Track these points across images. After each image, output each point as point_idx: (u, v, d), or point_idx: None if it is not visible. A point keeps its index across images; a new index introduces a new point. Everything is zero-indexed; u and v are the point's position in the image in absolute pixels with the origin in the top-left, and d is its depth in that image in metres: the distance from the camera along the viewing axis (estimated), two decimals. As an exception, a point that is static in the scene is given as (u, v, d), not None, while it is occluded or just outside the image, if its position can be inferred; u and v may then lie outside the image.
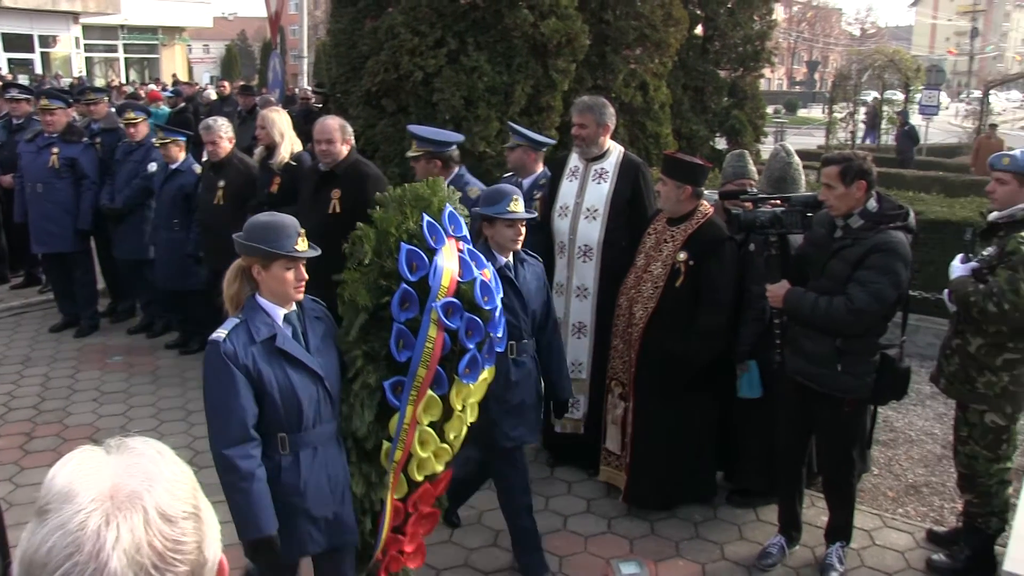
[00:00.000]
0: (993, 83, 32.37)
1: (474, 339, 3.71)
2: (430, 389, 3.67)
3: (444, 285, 3.64)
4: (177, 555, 1.19)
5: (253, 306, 3.44)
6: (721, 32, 16.24)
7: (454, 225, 3.87)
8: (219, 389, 3.32)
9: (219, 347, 3.30)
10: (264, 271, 3.39)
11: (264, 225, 3.42)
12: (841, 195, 4.41)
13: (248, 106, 12.81)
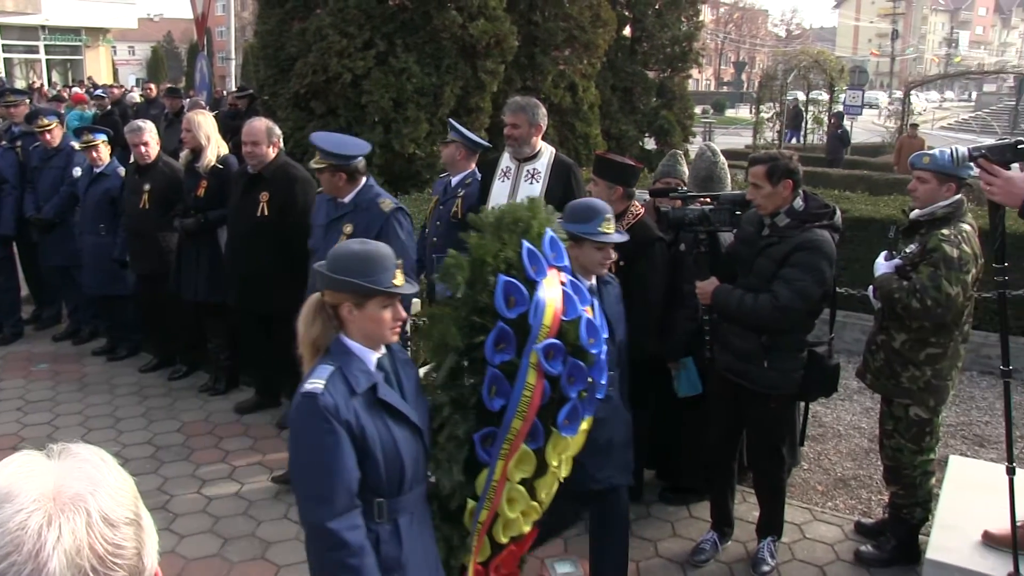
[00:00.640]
0: (914, 84, 33.05)
1: (576, 387, 3.25)
2: (524, 443, 3.21)
3: (546, 324, 3.17)
4: (117, 559, 1.17)
5: (344, 350, 2.94)
6: (649, 33, 16.39)
7: (555, 252, 3.40)
8: (320, 450, 2.77)
9: (317, 401, 2.77)
10: (357, 310, 2.91)
11: (357, 256, 2.93)
12: (768, 194, 4.47)
13: (175, 109, 12.62)
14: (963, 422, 7.12)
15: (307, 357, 3.00)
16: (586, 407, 3.34)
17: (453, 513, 3.27)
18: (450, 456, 3.19)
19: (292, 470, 2.91)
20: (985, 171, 3.75)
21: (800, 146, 24.99)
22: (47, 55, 38.12)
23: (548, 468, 3.30)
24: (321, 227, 5.40)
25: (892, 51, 78.87)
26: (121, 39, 56.54)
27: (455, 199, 6.36)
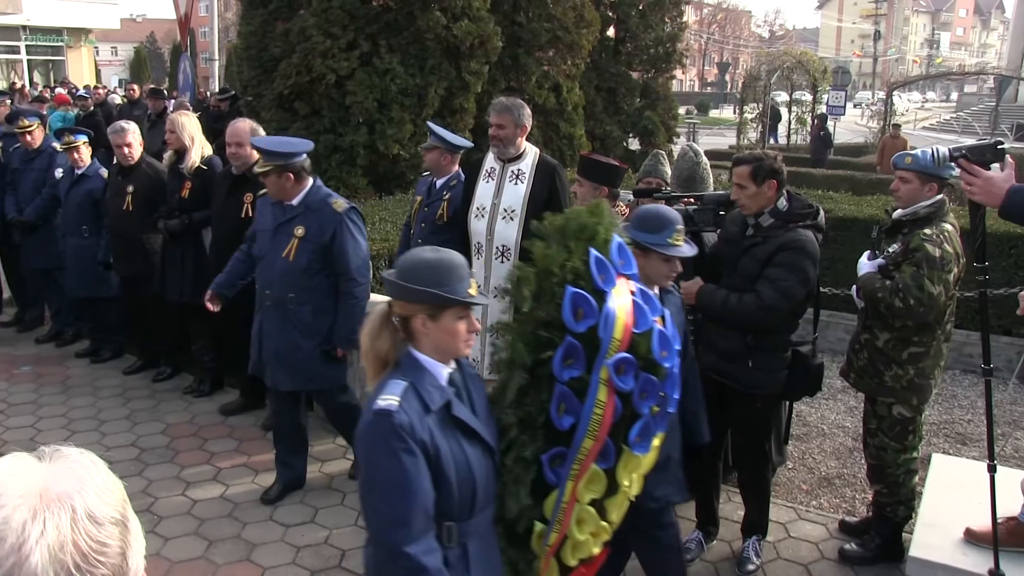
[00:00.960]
0: (896, 84, 33.24)
1: (648, 402, 3.05)
2: (594, 462, 3.01)
3: (616, 337, 2.97)
4: (100, 557, 1.18)
5: (415, 365, 2.78)
6: (633, 34, 16.42)
7: (624, 260, 3.18)
8: (397, 471, 2.60)
9: (392, 419, 2.60)
10: (431, 322, 2.75)
11: (432, 264, 2.76)
12: (752, 194, 4.48)
13: (158, 110, 12.58)
14: (946, 420, 7.16)
15: (372, 371, 2.85)
16: (659, 423, 3.15)
17: (519, 536, 3.09)
18: (517, 478, 3.01)
19: (365, 491, 2.72)
20: (965, 171, 3.78)
21: (783, 146, 25.06)
22: (28, 55, 37.90)
23: (619, 487, 3.09)
24: (267, 232, 5.31)
25: (875, 52, 79.21)
26: (104, 39, 56.32)
27: (441, 201, 6.35)
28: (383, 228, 7.86)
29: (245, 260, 5.65)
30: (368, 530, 2.79)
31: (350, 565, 4.94)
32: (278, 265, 5.19)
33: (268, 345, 5.35)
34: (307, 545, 5.14)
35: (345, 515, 5.48)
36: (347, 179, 10.40)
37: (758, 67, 27.67)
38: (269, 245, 5.25)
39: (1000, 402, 7.35)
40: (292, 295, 5.22)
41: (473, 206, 5.90)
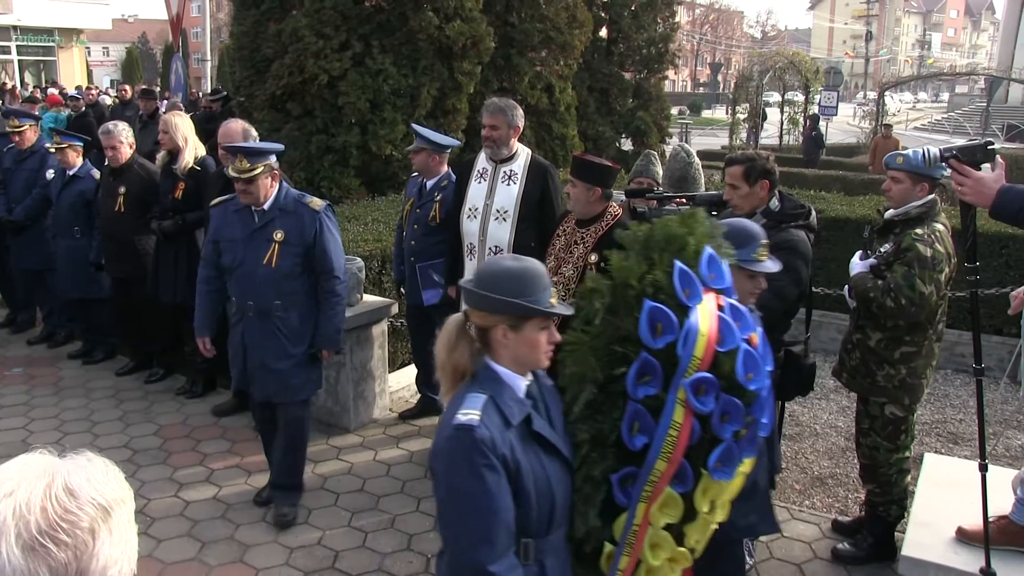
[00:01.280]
0: (888, 85, 33.31)
1: (730, 427, 2.83)
2: (670, 485, 2.83)
3: (697, 356, 2.78)
4: (64, 525, 1.21)
5: (494, 377, 2.68)
6: (625, 34, 16.44)
7: (714, 273, 2.98)
8: (478, 488, 2.50)
9: (474, 434, 2.51)
10: (513, 332, 2.64)
11: (515, 273, 2.65)
12: (745, 195, 4.50)
13: (149, 110, 12.56)
14: (938, 420, 7.18)
15: (448, 383, 2.75)
16: (745, 449, 2.91)
17: (588, 556, 2.94)
18: (586, 498, 2.86)
19: (445, 509, 2.61)
20: (956, 171, 3.79)
21: (775, 147, 25.10)
22: (19, 56, 37.79)
23: (698, 513, 2.88)
24: (238, 241, 5.07)
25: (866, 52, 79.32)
26: (95, 40, 56.26)
27: (433, 203, 6.35)
28: (376, 229, 7.86)
29: (215, 285, 5.33)
30: (446, 547, 2.68)
31: (343, 566, 4.94)
32: (260, 273, 5.01)
33: (253, 357, 5.17)
34: (300, 546, 5.14)
35: (338, 516, 5.48)
36: (340, 180, 10.39)
37: (750, 68, 27.76)
38: (244, 254, 5.05)
39: (991, 401, 7.38)
40: (278, 302, 5.06)
41: (465, 207, 5.90)
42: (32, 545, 1.19)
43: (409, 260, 6.49)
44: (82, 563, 1.23)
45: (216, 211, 5.25)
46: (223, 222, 5.18)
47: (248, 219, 5.06)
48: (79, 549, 1.22)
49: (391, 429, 6.75)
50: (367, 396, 6.79)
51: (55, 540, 1.20)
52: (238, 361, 5.26)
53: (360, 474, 6.04)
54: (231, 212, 5.14)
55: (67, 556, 1.21)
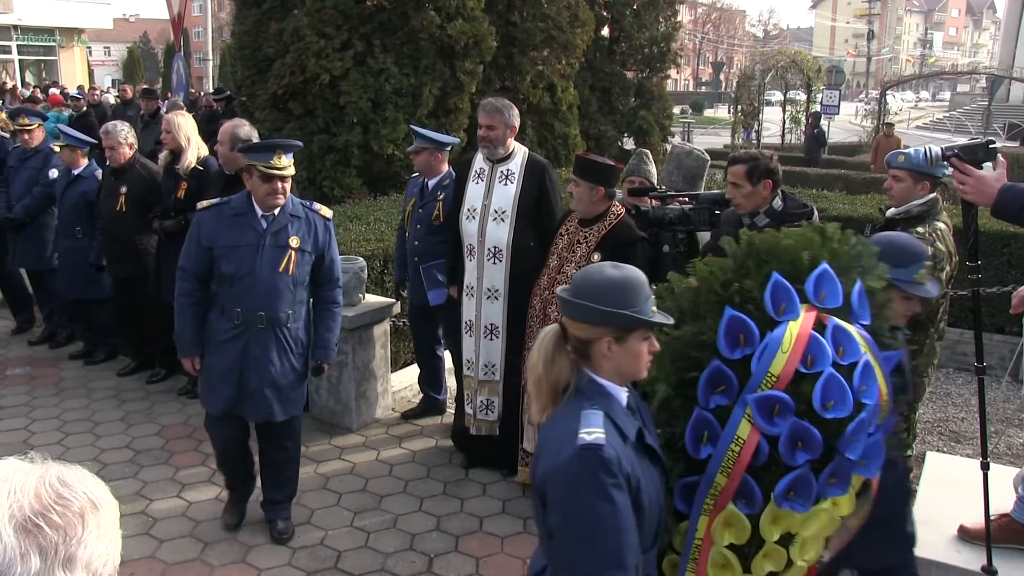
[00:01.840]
0: (889, 84, 33.27)
1: (803, 455, 2.64)
2: (734, 504, 2.68)
3: (773, 372, 2.64)
4: (58, 508, 1.27)
5: (601, 392, 2.55)
6: (627, 34, 16.43)
7: (826, 291, 2.79)
8: (608, 510, 2.36)
9: (602, 453, 2.37)
10: (617, 345, 2.52)
11: (619, 283, 2.53)
12: (748, 194, 4.50)
13: (151, 110, 12.57)
14: (940, 418, 7.18)
15: (544, 399, 2.61)
16: (831, 486, 2.69)
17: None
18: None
19: (567, 534, 2.42)
20: (958, 170, 3.79)
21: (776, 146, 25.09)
22: (20, 55, 37.77)
23: (765, 542, 2.70)
24: (246, 248, 4.73)
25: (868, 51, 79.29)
26: (96, 39, 56.25)
27: (436, 202, 6.35)
28: (378, 228, 7.85)
29: (198, 297, 4.89)
30: (562, 572, 2.50)
31: (346, 566, 4.94)
32: (274, 281, 4.74)
33: (257, 374, 4.79)
34: (303, 547, 5.14)
35: (340, 516, 5.48)
36: (341, 179, 10.39)
37: (752, 67, 27.73)
38: (255, 261, 4.71)
39: (993, 400, 7.37)
40: (290, 312, 4.83)
41: (464, 207, 5.90)
42: (25, 525, 1.23)
43: (413, 261, 6.49)
44: (70, 548, 1.26)
45: (206, 216, 4.84)
46: (217, 228, 4.77)
47: (253, 224, 4.76)
48: (69, 532, 1.26)
49: (393, 429, 6.75)
50: (369, 396, 6.78)
51: (48, 521, 1.25)
52: (231, 382, 4.82)
53: (362, 474, 6.04)
54: (227, 217, 4.79)
55: (57, 537, 1.25)
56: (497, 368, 5.90)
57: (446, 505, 5.64)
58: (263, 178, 4.67)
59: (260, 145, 4.92)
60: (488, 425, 5.98)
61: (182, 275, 4.88)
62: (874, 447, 2.71)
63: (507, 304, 5.80)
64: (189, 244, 4.86)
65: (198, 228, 4.82)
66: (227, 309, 4.78)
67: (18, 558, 1.22)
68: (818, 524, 2.70)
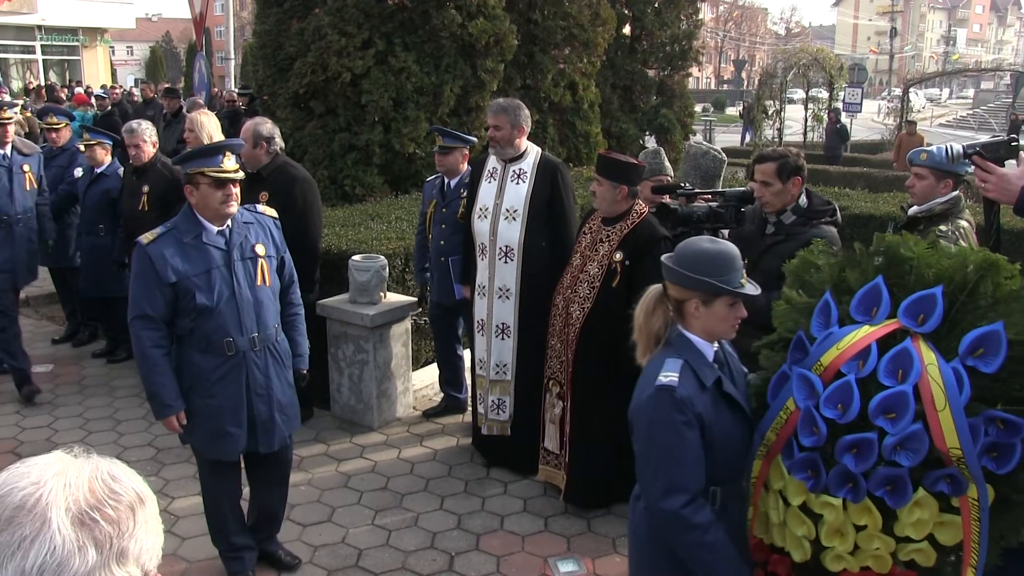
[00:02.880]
0: (912, 81, 33.05)
1: (809, 439, 2.81)
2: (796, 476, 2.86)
3: (822, 362, 2.84)
4: (112, 502, 1.29)
5: (687, 344, 3.03)
6: (648, 32, 16.38)
7: (924, 315, 2.77)
8: (675, 442, 2.88)
9: (674, 393, 2.88)
10: (704, 307, 2.99)
11: (711, 255, 2.97)
12: (777, 191, 4.49)
13: (173, 109, 12.62)
14: None
15: (643, 346, 3.12)
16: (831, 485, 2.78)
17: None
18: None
19: (644, 460, 2.99)
20: (980, 168, 3.76)
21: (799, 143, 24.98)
22: (44, 55, 38.00)
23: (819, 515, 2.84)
24: (217, 269, 4.31)
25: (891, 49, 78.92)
26: (119, 39, 56.53)
27: (459, 200, 6.36)
28: (399, 227, 7.86)
29: (168, 346, 4.33)
30: (644, 494, 3.05)
31: (367, 564, 4.95)
32: (259, 297, 4.41)
33: (266, 403, 4.48)
34: (324, 544, 5.16)
35: (362, 514, 5.49)
36: (363, 178, 10.40)
37: (774, 64, 27.60)
38: (231, 282, 4.31)
39: None
40: (276, 325, 4.54)
41: (476, 207, 5.91)
42: (81, 519, 1.26)
43: (439, 260, 6.49)
44: (123, 542, 1.29)
45: (159, 249, 4.23)
46: (178, 258, 4.23)
47: (213, 242, 4.32)
48: (121, 527, 1.29)
49: (415, 427, 6.76)
50: (390, 394, 6.79)
51: (102, 515, 1.27)
52: (239, 420, 4.44)
53: (384, 472, 6.05)
54: (183, 243, 4.27)
55: (112, 531, 1.28)
56: (509, 367, 5.90)
57: (467, 503, 5.65)
58: (215, 184, 4.23)
59: (205, 149, 4.41)
60: (499, 425, 5.99)
61: (146, 324, 4.23)
62: (888, 476, 2.69)
63: (518, 303, 5.80)
64: (145, 286, 4.21)
65: (152, 264, 4.18)
66: (213, 343, 4.31)
67: (76, 551, 1.24)
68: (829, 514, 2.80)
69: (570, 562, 4.98)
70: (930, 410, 2.62)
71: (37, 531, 1.23)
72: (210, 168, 4.22)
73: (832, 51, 32.69)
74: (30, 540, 1.22)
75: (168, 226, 4.32)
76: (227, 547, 4.73)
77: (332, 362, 6.78)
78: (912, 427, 2.62)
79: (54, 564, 1.22)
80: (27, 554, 1.22)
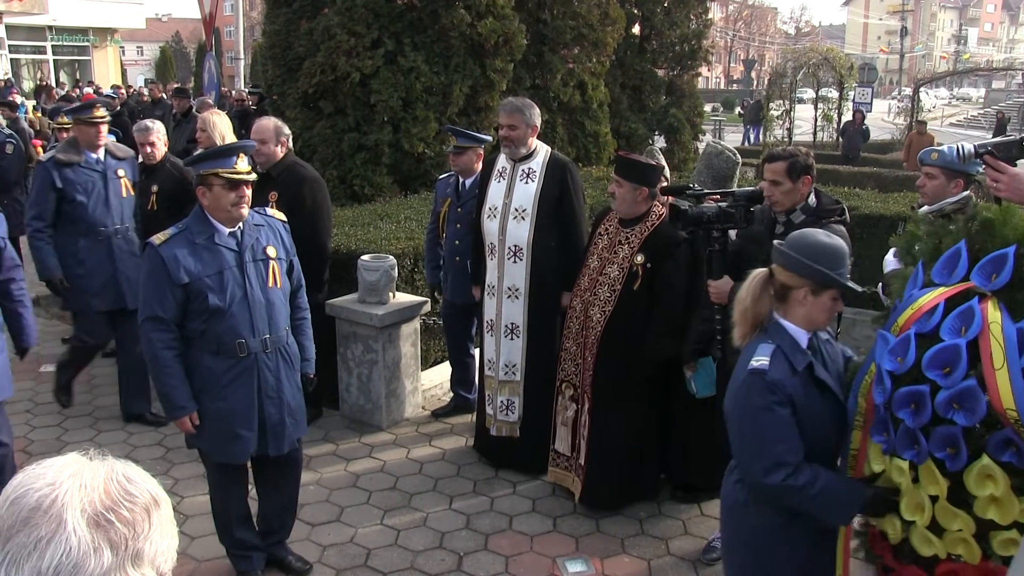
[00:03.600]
0: (923, 81, 33.02)
1: (878, 394, 2.94)
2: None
3: (898, 323, 2.96)
4: (127, 503, 1.29)
5: (781, 331, 3.20)
6: (658, 31, 16.37)
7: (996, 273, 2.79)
8: (768, 421, 3.07)
9: (765, 376, 3.07)
10: (812, 296, 3.14)
11: (827, 248, 3.14)
12: (788, 191, 4.47)
13: (183, 109, 12.64)
14: None
15: (745, 330, 3.28)
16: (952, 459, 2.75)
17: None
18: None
19: (740, 441, 3.19)
20: (991, 167, 3.74)
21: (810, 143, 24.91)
22: (54, 55, 38.17)
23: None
24: (229, 270, 4.31)
25: (901, 48, 78.71)
26: (129, 39, 56.66)
27: (475, 200, 6.35)
28: (408, 227, 7.86)
29: (180, 347, 4.30)
30: (744, 473, 3.23)
31: (375, 564, 4.96)
32: (270, 299, 4.40)
33: (276, 406, 4.48)
34: (332, 544, 5.16)
35: (370, 514, 5.49)
36: (372, 178, 10.41)
37: (784, 64, 27.54)
38: (243, 283, 4.31)
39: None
40: (287, 328, 4.55)
41: (485, 206, 5.90)
42: (97, 520, 1.26)
43: (455, 260, 6.48)
44: (138, 544, 1.29)
45: (171, 249, 4.22)
46: (191, 259, 4.23)
47: (225, 243, 4.32)
48: (136, 528, 1.29)
49: (424, 427, 6.76)
50: (399, 394, 6.79)
51: (118, 516, 1.28)
52: (250, 423, 4.43)
53: (392, 472, 6.06)
54: (196, 244, 4.27)
55: (127, 532, 1.28)
56: (518, 368, 5.89)
57: (476, 503, 5.65)
58: (229, 186, 4.22)
59: (219, 150, 4.41)
60: (508, 426, 5.98)
61: (157, 326, 4.21)
62: (945, 435, 2.74)
63: (527, 303, 5.79)
64: (157, 288, 4.20)
65: (164, 265, 4.17)
66: (225, 345, 4.30)
67: (91, 552, 1.24)
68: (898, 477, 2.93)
69: (579, 562, 4.97)
70: (988, 368, 2.64)
71: (53, 532, 1.23)
72: (223, 169, 4.22)
73: (842, 50, 32.64)
74: (46, 541, 1.22)
75: (180, 227, 4.32)
76: (235, 545, 4.75)
77: (341, 362, 6.78)
78: (965, 383, 2.66)
79: (70, 565, 1.22)
80: (43, 555, 1.22)
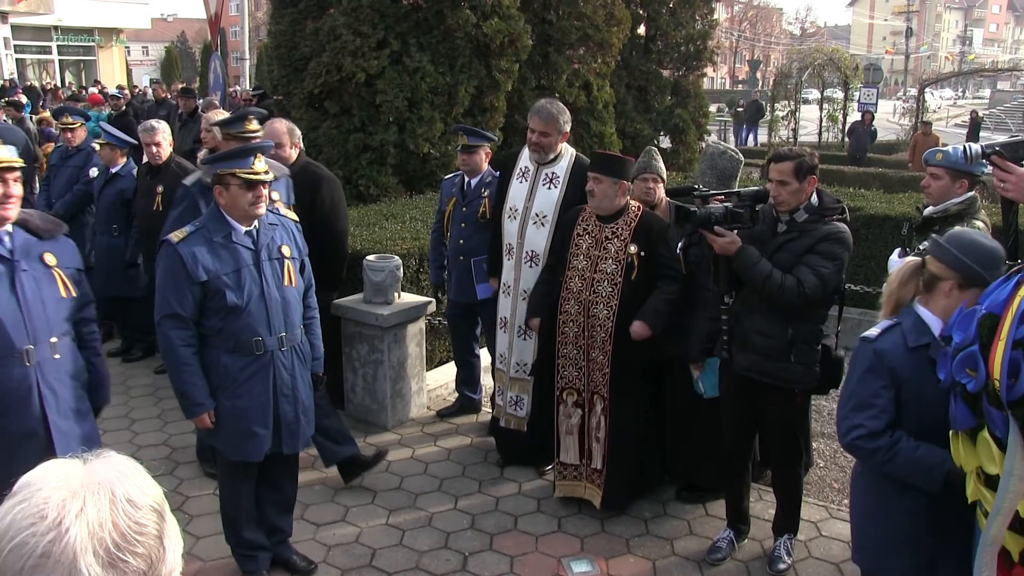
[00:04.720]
0: (928, 82, 32.92)
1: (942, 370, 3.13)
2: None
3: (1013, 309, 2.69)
4: (139, 537, 1.23)
5: (911, 314, 3.41)
6: (663, 32, 16.38)
7: None
8: (863, 385, 3.40)
9: (872, 344, 3.41)
10: (958, 291, 3.28)
11: (986, 249, 3.31)
12: (794, 190, 4.48)
13: (189, 109, 12.65)
14: None
15: (889, 310, 3.52)
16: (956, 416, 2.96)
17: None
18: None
19: (843, 399, 3.51)
20: (999, 168, 3.74)
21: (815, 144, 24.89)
22: (60, 56, 38.18)
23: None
24: (246, 269, 4.33)
25: (906, 49, 78.53)
26: (135, 39, 56.75)
27: (481, 199, 6.33)
28: (414, 227, 7.87)
29: (197, 344, 4.34)
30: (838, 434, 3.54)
31: (381, 564, 4.96)
32: (286, 297, 4.42)
33: (291, 404, 4.50)
34: (338, 544, 5.16)
35: (376, 514, 5.49)
36: (377, 178, 10.43)
37: (789, 64, 27.53)
38: (259, 281, 4.34)
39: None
40: (301, 326, 4.57)
41: (506, 206, 5.88)
42: (111, 561, 1.20)
43: (459, 259, 6.46)
44: (156, 569, 1.26)
45: (189, 247, 4.24)
46: (210, 256, 4.25)
47: (242, 242, 4.34)
48: (152, 556, 1.25)
49: (429, 427, 6.76)
50: (405, 394, 6.80)
51: (132, 552, 1.22)
52: (266, 421, 4.44)
53: (398, 472, 6.06)
54: (214, 242, 4.28)
55: (143, 566, 1.23)
56: (529, 367, 5.89)
57: (481, 503, 5.65)
58: (246, 186, 4.23)
59: (237, 151, 4.41)
60: (517, 420, 6.01)
61: (175, 323, 4.27)
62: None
63: None
64: (175, 285, 4.24)
65: (183, 263, 4.20)
66: (242, 342, 4.32)
67: None
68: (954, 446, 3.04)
69: (584, 562, 4.97)
70: (996, 339, 2.72)
71: None
72: (241, 169, 4.23)
73: (847, 51, 32.58)
74: None
75: (197, 225, 4.34)
76: (241, 545, 4.74)
77: (346, 362, 6.78)
78: (970, 348, 2.82)
79: None
80: None
